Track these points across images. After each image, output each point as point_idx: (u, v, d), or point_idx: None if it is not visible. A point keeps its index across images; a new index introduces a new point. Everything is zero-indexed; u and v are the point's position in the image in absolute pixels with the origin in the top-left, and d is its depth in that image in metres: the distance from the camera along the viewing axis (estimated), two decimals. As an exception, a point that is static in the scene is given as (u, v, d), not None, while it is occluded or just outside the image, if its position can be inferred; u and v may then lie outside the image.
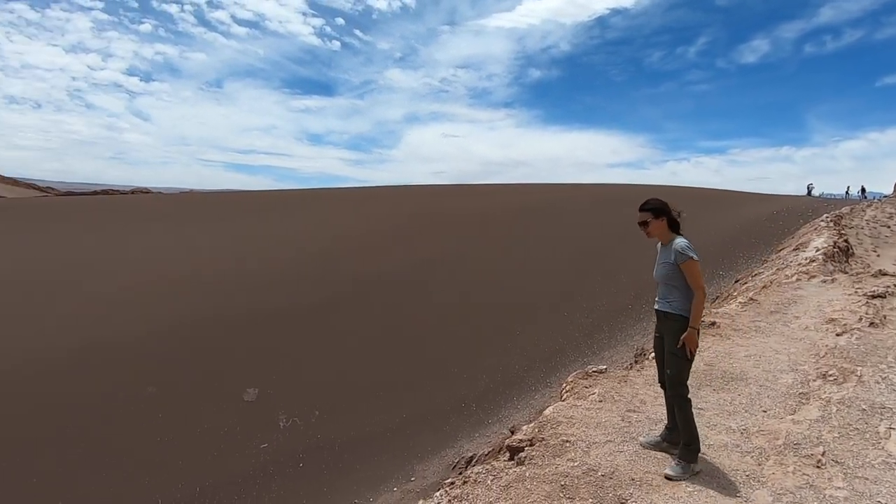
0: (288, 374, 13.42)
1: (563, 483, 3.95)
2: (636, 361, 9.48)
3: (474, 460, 8.40)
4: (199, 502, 10.05)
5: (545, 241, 23.27)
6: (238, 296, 16.93)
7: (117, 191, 74.11)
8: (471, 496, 3.93)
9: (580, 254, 21.63)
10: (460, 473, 8.90)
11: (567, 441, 4.59)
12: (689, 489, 3.89)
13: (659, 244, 4.48)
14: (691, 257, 4.13)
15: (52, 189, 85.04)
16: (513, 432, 7.99)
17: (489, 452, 8.01)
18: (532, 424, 5.09)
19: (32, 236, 23.28)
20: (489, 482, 4.11)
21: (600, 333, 15.36)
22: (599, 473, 4.07)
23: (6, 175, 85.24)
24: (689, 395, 4.19)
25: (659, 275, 4.34)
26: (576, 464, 4.22)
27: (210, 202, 31.94)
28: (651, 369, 5.96)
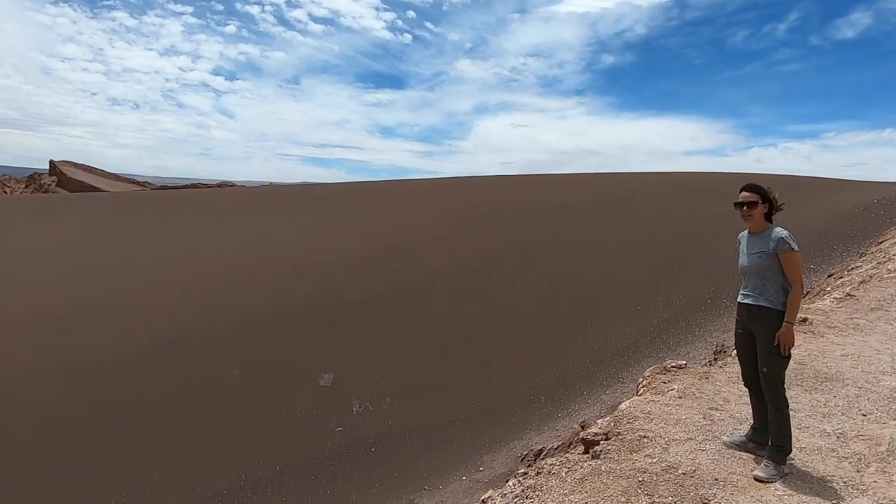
0: (361, 361, 13.85)
1: (640, 479, 3.83)
2: (716, 358, 9.02)
3: (544, 453, 8.34)
4: (278, 480, 10.62)
5: (618, 233, 22.56)
6: (315, 285, 17.63)
7: (206, 184, 79.11)
8: (544, 487, 3.90)
9: (654, 245, 20.80)
10: (529, 465, 8.87)
11: (645, 437, 4.44)
12: (778, 492, 3.67)
13: (745, 233, 4.22)
14: (793, 248, 3.86)
15: (149, 183, 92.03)
16: (584, 427, 7.84)
17: (559, 446, 7.92)
18: (607, 419, 4.97)
19: (131, 227, 25.32)
20: (563, 474, 4.05)
21: (676, 328, 14.73)
22: (680, 471, 3.91)
23: (110, 171, 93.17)
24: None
25: (752, 265, 4.07)
26: (654, 460, 4.07)
27: (288, 195, 33.43)
28: (734, 367, 5.65)
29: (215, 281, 18.53)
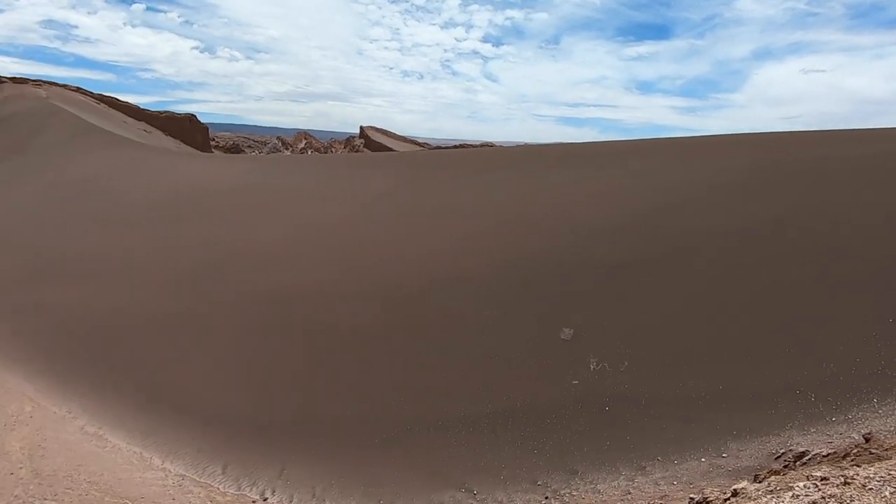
0: (602, 320, 13.61)
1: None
2: None
3: (808, 457, 7.10)
4: (512, 416, 11.38)
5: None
6: (566, 243, 17.76)
7: (470, 144, 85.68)
8: (854, 501, 3.25)
9: None
10: (785, 466, 7.65)
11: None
12: None
13: None
14: None
15: (427, 144, 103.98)
16: (867, 440, 6.38)
17: (830, 455, 6.63)
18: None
19: (416, 181, 29.09)
20: (888, 494, 3.33)
21: None
22: None
23: (399, 133, 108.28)
24: None
25: None
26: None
27: (541, 154, 33.88)
28: None
29: (482, 232, 20.11)
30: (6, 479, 10.57)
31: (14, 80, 68.11)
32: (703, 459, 9.45)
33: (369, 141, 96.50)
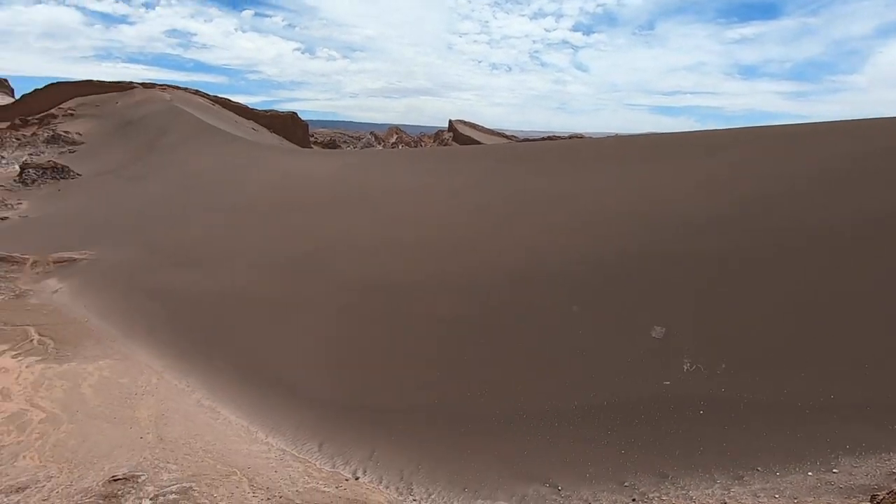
0: (697, 319, 12.77)
1: None
2: None
3: (942, 485, 6.24)
4: (599, 414, 11.00)
5: None
6: (654, 236, 16.83)
7: (559, 136, 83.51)
8: None
9: None
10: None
11: None
12: None
13: None
14: None
15: (515, 137, 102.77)
16: None
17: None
18: None
19: (503, 174, 28.88)
20: None
21: None
22: None
23: (486, 126, 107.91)
24: None
25: None
26: None
27: (632, 144, 32.25)
28: None
29: (571, 225, 19.58)
30: (136, 441, 11.92)
31: (144, 85, 75.83)
32: (809, 473, 8.62)
33: (458, 134, 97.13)
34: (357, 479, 10.80)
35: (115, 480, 10.40)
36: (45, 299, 21.89)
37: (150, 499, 9.95)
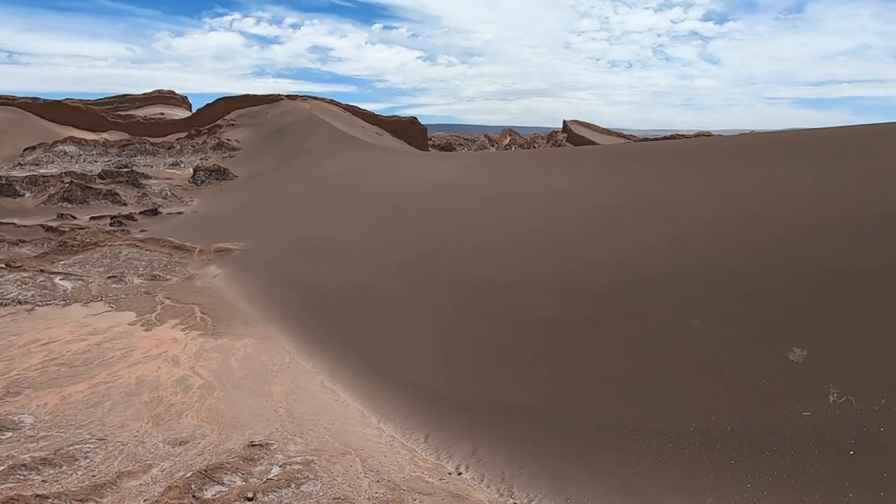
0: (846, 343, 10.88)
1: None
2: None
3: None
4: (721, 439, 9.81)
5: None
6: (792, 243, 14.70)
7: (683, 135, 77.14)
8: None
9: None
10: None
11: None
12: None
13: None
14: None
15: (633, 136, 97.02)
16: None
17: None
18: None
19: (619, 175, 27.30)
20: None
21: None
22: None
23: (602, 126, 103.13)
24: None
25: None
26: None
27: (771, 142, 28.60)
28: None
29: (693, 229, 17.94)
30: (270, 413, 13.05)
31: (289, 97, 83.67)
32: None
33: (572, 135, 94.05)
34: (459, 474, 10.79)
35: (252, 445, 11.47)
36: (207, 283, 24.97)
37: (280, 466, 10.82)
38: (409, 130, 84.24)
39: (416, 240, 24.95)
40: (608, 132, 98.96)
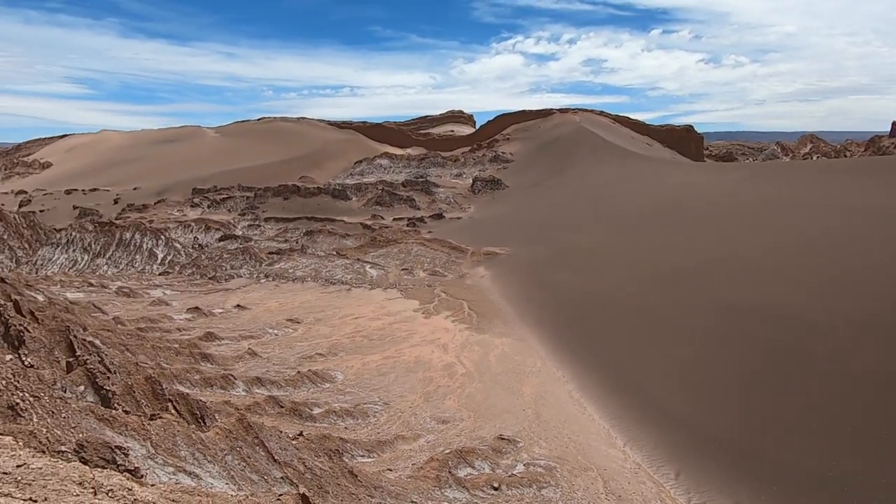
0: None
1: None
2: None
3: None
4: None
5: None
6: None
7: None
8: None
9: None
10: None
11: None
12: None
13: None
14: None
15: None
16: None
17: None
18: None
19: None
20: None
21: None
22: None
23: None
24: None
25: None
26: None
27: None
28: None
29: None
30: (519, 413, 13.90)
31: (560, 111, 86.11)
32: None
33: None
34: (715, 529, 9.58)
35: (501, 439, 12.49)
36: (475, 281, 27.99)
37: (524, 464, 11.51)
38: (682, 140, 77.15)
39: (678, 254, 22.85)
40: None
